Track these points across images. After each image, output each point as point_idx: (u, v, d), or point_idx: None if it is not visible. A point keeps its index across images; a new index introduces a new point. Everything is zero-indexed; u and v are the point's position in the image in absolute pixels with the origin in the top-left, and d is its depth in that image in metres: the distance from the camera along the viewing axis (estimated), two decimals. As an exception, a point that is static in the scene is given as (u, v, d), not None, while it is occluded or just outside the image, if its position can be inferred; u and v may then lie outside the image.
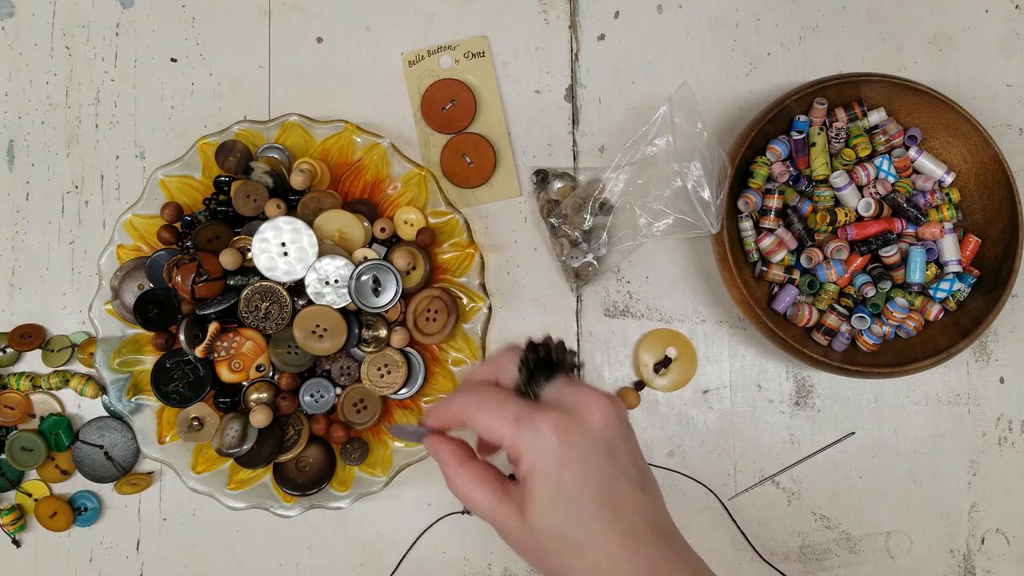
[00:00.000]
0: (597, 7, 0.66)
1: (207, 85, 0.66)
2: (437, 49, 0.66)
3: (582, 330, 0.65)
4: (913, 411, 0.65)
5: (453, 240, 0.62)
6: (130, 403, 0.60)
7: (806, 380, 0.65)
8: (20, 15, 0.66)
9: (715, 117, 0.66)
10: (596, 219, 0.63)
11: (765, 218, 0.61)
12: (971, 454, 0.65)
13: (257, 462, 0.58)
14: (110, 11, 0.66)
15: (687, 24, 0.67)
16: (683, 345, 0.64)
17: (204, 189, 0.62)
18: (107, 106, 0.66)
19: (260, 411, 0.57)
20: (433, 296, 0.60)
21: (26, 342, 0.63)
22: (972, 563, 0.65)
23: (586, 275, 0.64)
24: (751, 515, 0.64)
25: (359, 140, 0.62)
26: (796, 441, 0.65)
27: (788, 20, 0.67)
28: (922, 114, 0.62)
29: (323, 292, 0.59)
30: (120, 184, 0.65)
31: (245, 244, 0.59)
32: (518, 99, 0.66)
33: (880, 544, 0.65)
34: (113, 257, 0.61)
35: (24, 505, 0.63)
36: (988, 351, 0.66)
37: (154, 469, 0.64)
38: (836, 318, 0.61)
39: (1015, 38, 0.68)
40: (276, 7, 0.66)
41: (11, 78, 0.66)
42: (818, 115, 0.62)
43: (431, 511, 0.63)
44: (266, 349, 0.60)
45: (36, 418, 0.63)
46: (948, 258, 0.60)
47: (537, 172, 0.64)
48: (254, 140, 0.62)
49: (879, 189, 0.61)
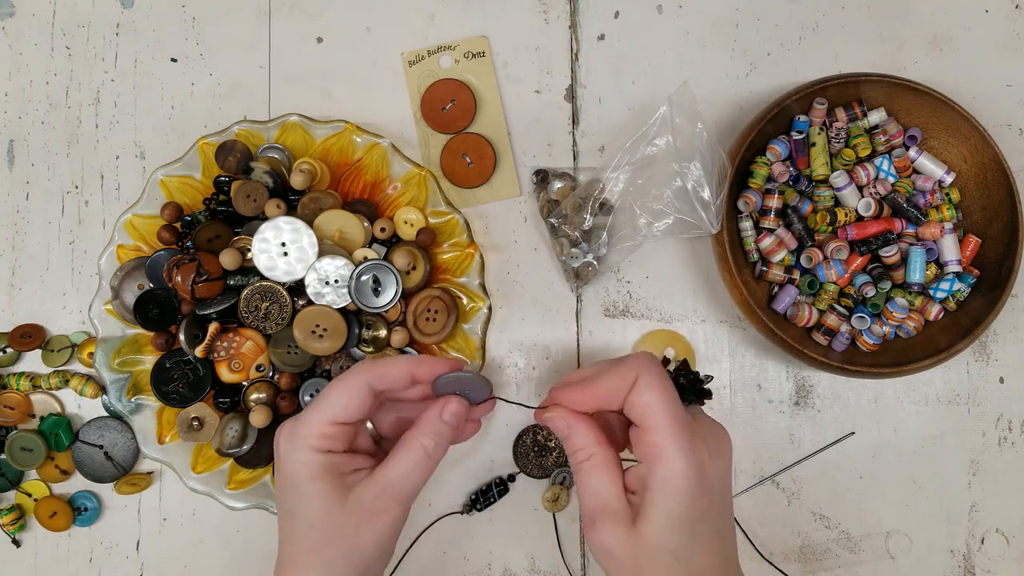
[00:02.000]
0: (597, 7, 0.66)
1: (207, 85, 0.66)
2: (437, 49, 0.66)
3: (582, 330, 0.65)
4: (913, 411, 0.65)
5: (453, 240, 0.62)
6: (130, 403, 0.60)
7: (806, 380, 0.65)
8: (20, 15, 0.66)
9: (715, 117, 0.66)
10: (596, 219, 0.63)
11: (765, 218, 0.61)
12: (971, 454, 0.65)
13: (257, 462, 0.58)
14: (110, 11, 0.66)
15: (687, 24, 0.67)
16: (682, 345, 0.64)
17: (204, 189, 0.62)
18: (107, 106, 0.66)
19: (260, 411, 0.57)
20: (433, 296, 0.60)
21: (26, 342, 0.63)
22: (972, 563, 0.65)
23: (586, 275, 0.64)
24: (751, 515, 0.64)
25: (359, 140, 0.62)
26: (796, 441, 0.65)
27: (788, 20, 0.67)
28: (922, 114, 0.62)
29: (323, 292, 0.59)
30: (120, 184, 0.65)
31: (245, 244, 0.59)
32: (518, 99, 0.66)
33: (880, 544, 0.65)
34: (113, 257, 0.61)
35: (24, 505, 0.63)
36: (988, 351, 0.66)
37: (154, 469, 0.64)
38: (836, 318, 0.61)
39: (1015, 38, 0.68)
40: (276, 7, 0.66)
41: (11, 78, 0.66)
42: (818, 115, 0.62)
43: (431, 511, 0.63)
44: (266, 349, 0.60)
45: (36, 418, 0.63)
46: (948, 258, 0.60)
47: (537, 172, 0.64)
48: (254, 140, 0.62)
49: (879, 189, 0.61)
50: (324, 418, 0.44)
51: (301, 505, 0.43)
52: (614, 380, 0.43)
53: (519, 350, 0.64)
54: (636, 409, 0.42)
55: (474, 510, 0.63)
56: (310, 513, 0.43)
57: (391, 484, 0.44)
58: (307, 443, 0.43)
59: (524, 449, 0.63)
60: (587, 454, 0.43)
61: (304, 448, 0.43)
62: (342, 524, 0.43)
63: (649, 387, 0.41)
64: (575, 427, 0.43)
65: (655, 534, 0.40)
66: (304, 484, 0.43)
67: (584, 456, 0.43)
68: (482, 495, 0.63)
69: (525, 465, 0.63)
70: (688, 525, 0.40)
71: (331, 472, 0.44)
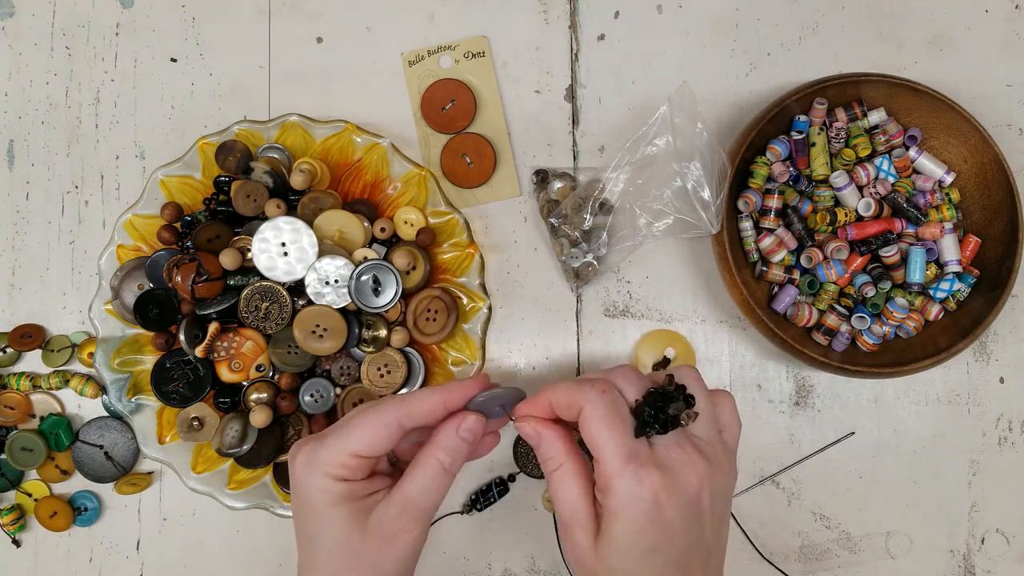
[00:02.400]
0: (597, 7, 0.66)
1: (207, 85, 0.66)
2: (437, 49, 0.66)
3: (582, 330, 0.65)
4: (913, 411, 0.65)
5: (453, 240, 0.62)
6: (130, 403, 0.60)
7: (806, 380, 0.65)
8: (20, 15, 0.66)
9: (715, 117, 0.66)
10: (596, 219, 0.63)
11: (765, 218, 0.61)
12: (971, 454, 0.65)
13: (257, 462, 0.58)
14: (110, 11, 0.66)
15: (687, 24, 0.67)
16: (682, 346, 0.64)
17: (204, 189, 0.62)
18: (107, 106, 0.66)
19: (260, 411, 0.57)
20: (433, 296, 0.60)
21: (26, 342, 0.63)
22: (972, 563, 0.65)
23: (586, 275, 0.64)
24: (751, 515, 0.64)
25: (359, 140, 0.62)
26: (796, 441, 0.65)
27: (788, 20, 0.67)
28: (922, 114, 0.62)
29: (323, 292, 0.59)
30: (120, 184, 0.65)
31: (245, 244, 0.59)
32: (518, 99, 0.66)
33: (880, 544, 0.65)
34: (113, 257, 0.61)
35: (24, 505, 0.63)
36: (988, 351, 0.66)
37: (154, 469, 0.64)
38: (836, 318, 0.61)
39: (1015, 38, 0.68)
40: (276, 7, 0.66)
41: (11, 78, 0.66)
42: (818, 115, 0.62)
43: (431, 511, 0.63)
44: (266, 349, 0.60)
45: (36, 418, 0.63)
46: (948, 258, 0.60)
47: (537, 172, 0.64)
48: (254, 140, 0.62)
49: (879, 189, 0.61)
50: (347, 449, 0.43)
51: (321, 531, 0.43)
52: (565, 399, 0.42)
53: (519, 350, 0.64)
54: (585, 436, 0.42)
55: (474, 510, 0.63)
56: (329, 540, 0.43)
57: (410, 502, 0.43)
58: (325, 471, 0.43)
59: (524, 449, 0.63)
60: (556, 464, 0.43)
61: (322, 475, 0.43)
62: (362, 550, 0.42)
63: (590, 421, 0.41)
64: (544, 436, 0.43)
65: (611, 555, 0.40)
66: (323, 510, 0.43)
67: (554, 466, 0.43)
68: (482, 495, 0.63)
69: (525, 465, 0.63)
70: (640, 553, 0.40)
71: (350, 498, 0.43)
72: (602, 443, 0.40)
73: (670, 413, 0.42)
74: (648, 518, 0.40)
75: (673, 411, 0.42)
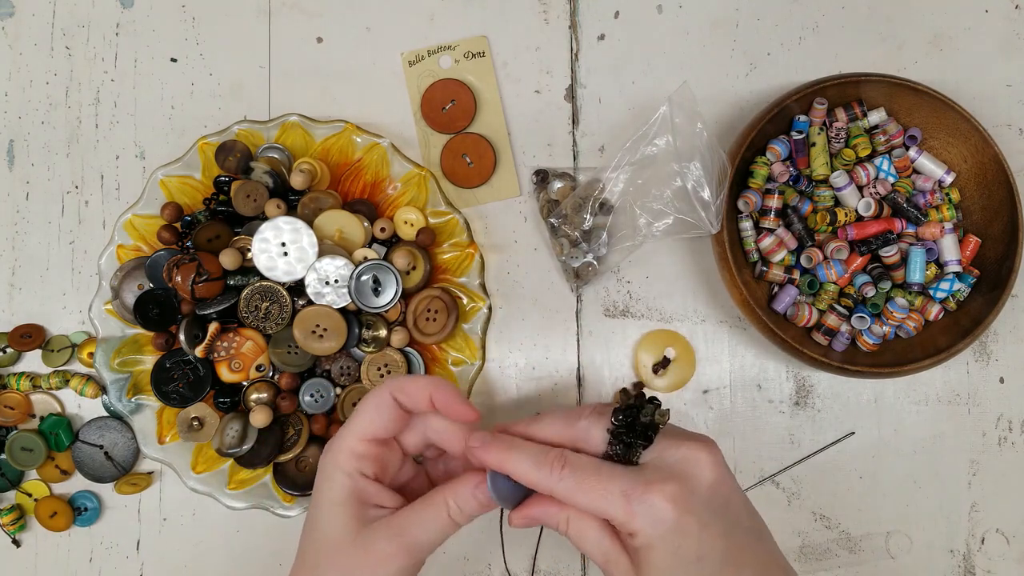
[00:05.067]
0: (597, 7, 0.66)
1: (207, 85, 0.66)
2: (437, 49, 0.66)
3: (582, 330, 0.65)
4: (913, 411, 0.65)
5: (453, 240, 0.62)
6: (130, 403, 0.60)
7: (806, 380, 0.65)
8: (20, 15, 0.66)
9: (715, 117, 0.66)
10: (596, 219, 0.63)
11: (765, 218, 0.61)
12: (971, 454, 0.65)
13: (257, 462, 0.58)
14: (110, 11, 0.66)
15: (687, 24, 0.67)
16: (682, 346, 0.64)
17: (204, 189, 0.62)
18: (107, 106, 0.66)
19: (260, 411, 0.57)
20: (433, 296, 0.60)
21: (26, 342, 0.63)
22: (972, 563, 0.65)
23: (586, 275, 0.64)
24: (751, 515, 0.64)
25: (359, 140, 0.62)
26: (796, 441, 0.65)
27: (788, 20, 0.67)
28: (922, 114, 0.62)
29: (323, 292, 0.59)
30: (120, 184, 0.65)
31: (245, 244, 0.59)
32: (518, 99, 0.66)
33: (880, 544, 0.65)
34: (113, 257, 0.61)
35: (24, 505, 0.63)
36: (988, 351, 0.66)
37: (154, 469, 0.64)
38: (836, 318, 0.61)
39: (1015, 38, 0.68)
40: (276, 7, 0.66)
41: (11, 78, 0.66)
42: (818, 115, 0.62)
43: (431, 511, 0.63)
44: (266, 349, 0.60)
45: (36, 418, 0.63)
46: (948, 258, 0.60)
47: (537, 172, 0.64)
48: (254, 140, 0.62)
49: (879, 189, 0.61)
50: (354, 434, 0.44)
51: (318, 522, 0.44)
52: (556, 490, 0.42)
53: (519, 350, 0.64)
54: (580, 511, 0.42)
55: (474, 510, 0.63)
56: (324, 534, 0.43)
57: (404, 530, 0.43)
58: (336, 459, 0.44)
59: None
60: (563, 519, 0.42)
61: (333, 466, 0.44)
62: (350, 555, 0.42)
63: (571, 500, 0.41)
64: (536, 515, 0.43)
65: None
66: (326, 504, 0.44)
67: (563, 525, 0.43)
68: (482, 495, 0.62)
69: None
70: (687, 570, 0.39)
71: (354, 497, 0.43)
72: (595, 507, 0.40)
73: (646, 421, 0.41)
74: (675, 532, 0.39)
75: (646, 418, 0.41)
